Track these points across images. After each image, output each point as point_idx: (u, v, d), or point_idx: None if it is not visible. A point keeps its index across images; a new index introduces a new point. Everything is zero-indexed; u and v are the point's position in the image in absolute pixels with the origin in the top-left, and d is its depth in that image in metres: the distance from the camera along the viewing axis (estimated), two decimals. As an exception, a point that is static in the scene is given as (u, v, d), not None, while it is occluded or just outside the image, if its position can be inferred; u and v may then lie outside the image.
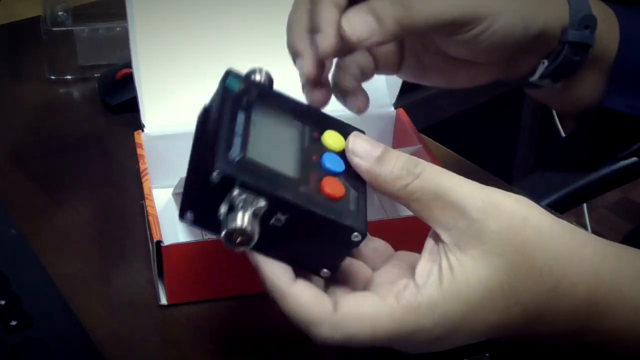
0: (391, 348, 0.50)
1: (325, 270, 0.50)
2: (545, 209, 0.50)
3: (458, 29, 0.57)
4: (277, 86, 0.56)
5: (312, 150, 0.51)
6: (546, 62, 0.62)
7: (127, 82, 0.80)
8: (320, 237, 0.49)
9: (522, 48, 0.59)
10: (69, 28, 0.91)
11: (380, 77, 0.75)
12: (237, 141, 0.48)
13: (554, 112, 1.48)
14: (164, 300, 0.62)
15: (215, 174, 0.46)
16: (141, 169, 0.67)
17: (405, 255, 0.53)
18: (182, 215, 0.49)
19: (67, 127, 0.85)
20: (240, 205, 0.47)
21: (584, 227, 1.40)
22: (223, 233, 0.47)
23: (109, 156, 0.80)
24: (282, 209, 0.47)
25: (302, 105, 0.54)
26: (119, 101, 0.86)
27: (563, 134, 1.47)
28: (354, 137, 0.51)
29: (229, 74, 0.53)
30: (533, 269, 0.48)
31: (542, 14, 0.60)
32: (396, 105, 0.75)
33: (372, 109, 0.63)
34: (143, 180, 0.66)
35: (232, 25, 0.75)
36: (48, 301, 0.61)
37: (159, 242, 0.60)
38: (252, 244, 0.47)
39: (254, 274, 0.62)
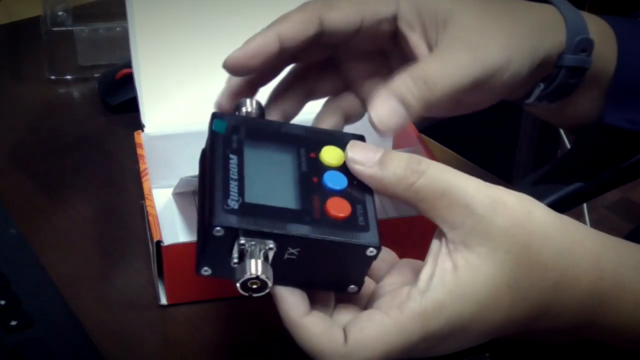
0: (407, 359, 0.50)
1: (352, 286, 0.50)
2: None
3: (478, 85, 0.56)
4: (274, 84, 0.56)
5: (311, 173, 0.50)
6: (542, 86, 0.61)
7: (127, 82, 0.80)
8: (337, 260, 0.49)
9: (524, 78, 0.59)
10: (69, 28, 0.91)
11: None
12: (233, 187, 0.48)
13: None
14: (164, 300, 0.62)
15: (216, 229, 0.46)
16: (141, 169, 0.67)
17: (409, 262, 0.53)
18: (199, 271, 0.49)
19: (67, 127, 0.85)
20: (249, 251, 0.47)
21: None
22: (238, 285, 0.47)
23: (109, 156, 0.80)
24: (292, 244, 0.47)
25: (296, 127, 0.54)
26: (119, 101, 0.86)
27: (564, 136, 1.47)
28: (351, 146, 0.50)
29: (214, 116, 0.52)
30: (538, 264, 0.48)
31: (544, 44, 0.59)
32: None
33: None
34: (143, 180, 0.66)
35: (232, 25, 0.75)
36: (48, 301, 0.61)
37: (159, 242, 0.60)
38: (268, 289, 0.47)
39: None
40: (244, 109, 0.54)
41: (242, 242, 0.46)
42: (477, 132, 1.58)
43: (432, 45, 0.57)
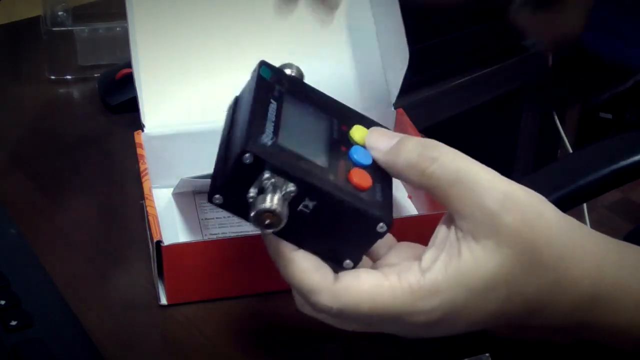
0: (387, 333, 0.51)
1: (348, 261, 0.50)
2: None
3: None
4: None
5: (340, 142, 0.52)
6: None
7: (127, 82, 0.80)
8: (345, 227, 0.49)
9: None
10: (69, 28, 0.92)
11: (380, 77, 0.75)
12: (269, 127, 0.49)
13: (555, 113, 1.48)
14: (164, 300, 0.62)
15: (247, 155, 0.47)
16: (141, 169, 0.67)
17: (408, 245, 0.54)
18: (210, 198, 0.49)
19: (67, 127, 0.85)
20: (271, 188, 0.47)
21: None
22: (253, 213, 0.47)
23: (109, 156, 0.80)
24: (311, 195, 0.48)
25: (331, 100, 0.55)
26: (119, 101, 0.86)
27: (564, 136, 1.47)
28: (372, 131, 0.52)
29: (262, 64, 0.54)
30: (539, 264, 0.48)
31: None
32: (396, 105, 0.75)
33: (372, 109, 0.63)
34: (143, 180, 0.66)
35: (232, 25, 0.75)
36: (48, 301, 0.61)
37: (159, 242, 0.60)
38: (281, 226, 0.47)
39: (253, 274, 0.62)
40: (285, 71, 0.55)
41: (267, 176, 0.47)
42: (477, 132, 1.58)
43: None
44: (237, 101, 0.55)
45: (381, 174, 0.51)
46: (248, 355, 0.59)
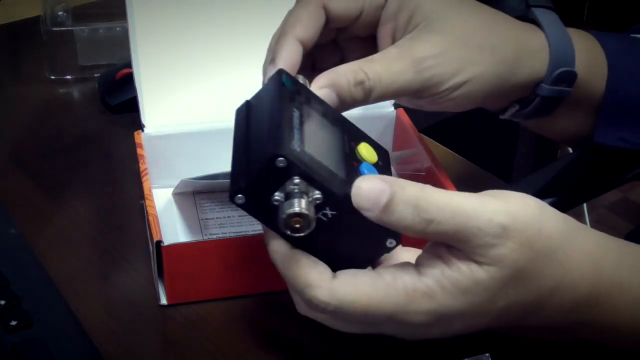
0: (384, 334, 0.51)
1: None
2: None
3: (420, 94, 0.58)
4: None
5: (351, 157, 0.52)
6: (517, 107, 0.61)
7: (127, 82, 0.80)
8: (357, 238, 0.50)
9: (490, 97, 0.59)
10: (69, 28, 0.91)
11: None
12: (296, 133, 0.49)
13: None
14: (164, 300, 0.62)
15: (280, 159, 0.47)
16: (141, 169, 0.67)
17: (408, 250, 0.54)
18: (232, 198, 0.49)
19: (67, 127, 0.85)
20: (298, 193, 0.47)
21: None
22: (284, 216, 0.47)
23: (109, 156, 0.80)
24: (332, 204, 0.48)
25: (339, 115, 0.55)
26: (119, 101, 0.86)
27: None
28: (356, 189, 0.48)
29: (282, 72, 0.54)
30: (540, 274, 0.49)
31: (518, 72, 0.59)
32: (396, 105, 0.75)
33: (372, 109, 0.63)
34: (143, 180, 0.66)
35: (232, 25, 0.75)
36: (48, 301, 0.61)
37: (159, 242, 0.60)
38: (310, 230, 0.47)
39: (253, 274, 0.62)
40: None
41: (297, 181, 0.47)
42: (477, 132, 1.58)
43: (396, 40, 0.58)
44: (249, 106, 0.55)
45: None
46: (248, 355, 0.59)
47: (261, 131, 0.51)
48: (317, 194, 0.48)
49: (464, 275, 0.48)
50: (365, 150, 0.53)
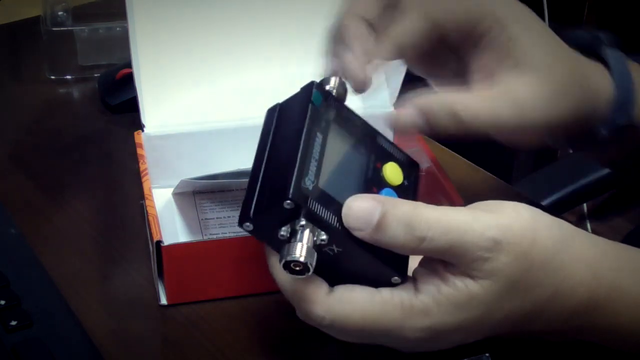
0: (381, 345, 0.51)
1: None
2: (543, 209, 0.51)
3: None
4: (275, 84, 0.56)
5: (373, 182, 0.52)
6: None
7: (127, 82, 0.80)
8: (362, 273, 0.50)
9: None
10: (69, 28, 0.91)
11: (380, 77, 0.75)
12: (312, 166, 0.49)
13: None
14: (164, 300, 0.62)
15: (288, 202, 0.47)
16: (141, 169, 0.67)
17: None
18: (241, 224, 0.50)
19: (67, 127, 0.85)
20: (302, 234, 0.48)
21: (584, 227, 1.40)
22: (282, 261, 0.48)
23: (109, 156, 0.80)
24: (339, 244, 0.49)
25: (370, 128, 0.55)
26: (119, 101, 0.86)
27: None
28: (346, 209, 0.48)
29: (312, 86, 0.54)
30: (536, 284, 0.49)
31: (590, 114, 0.58)
32: (396, 105, 0.75)
33: (372, 109, 0.63)
34: (143, 180, 0.66)
35: (233, 25, 0.75)
36: (48, 301, 0.61)
37: (159, 242, 0.60)
38: (309, 274, 0.48)
39: (254, 274, 0.62)
40: (327, 87, 0.55)
41: (302, 223, 0.47)
42: (477, 132, 1.58)
43: (490, 71, 0.56)
44: (280, 112, 0.54)
45: None
46: (248, 355, 0.58)
47: (280, 154, 0.51)
48: (323, 235, 0.48)
49: (460, 291, 0.48)
50: (390, 171, 0.53)
